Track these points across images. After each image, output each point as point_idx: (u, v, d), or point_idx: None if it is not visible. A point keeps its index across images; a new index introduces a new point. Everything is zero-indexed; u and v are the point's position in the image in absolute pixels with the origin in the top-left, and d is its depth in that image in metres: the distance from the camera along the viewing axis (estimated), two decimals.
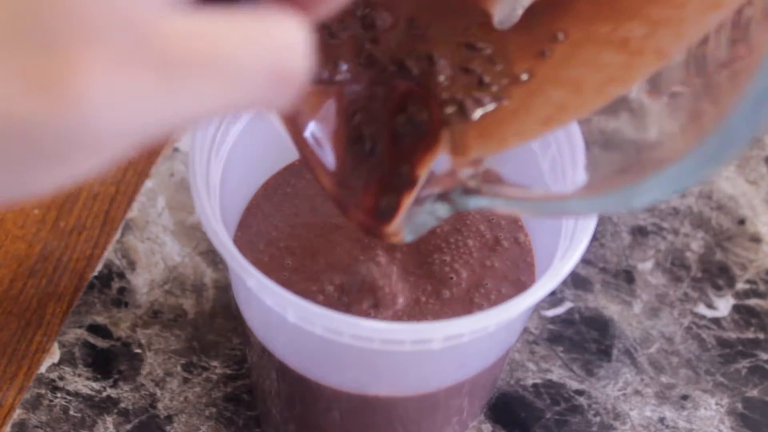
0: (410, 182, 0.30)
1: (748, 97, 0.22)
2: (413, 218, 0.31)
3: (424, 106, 0.31)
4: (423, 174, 0.31)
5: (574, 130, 0.35)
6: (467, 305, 0.37)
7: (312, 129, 0.32)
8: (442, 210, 0.31)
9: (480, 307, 0.37)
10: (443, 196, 0.31)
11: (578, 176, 0.34)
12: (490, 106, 0.30)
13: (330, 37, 0.31)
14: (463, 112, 0.30)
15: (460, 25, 0.31)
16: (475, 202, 0.30)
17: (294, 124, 0.32)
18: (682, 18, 0.27)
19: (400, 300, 0.36)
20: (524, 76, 0.30)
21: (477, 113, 0.30)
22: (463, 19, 0.31)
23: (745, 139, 0.22)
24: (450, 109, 0.30)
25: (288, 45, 0.20)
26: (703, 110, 0.26)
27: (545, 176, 0.37)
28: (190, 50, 0.19)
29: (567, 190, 0.34)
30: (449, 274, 0.37)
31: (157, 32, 0.18)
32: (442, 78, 0.30)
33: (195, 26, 0.19)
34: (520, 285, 0.38)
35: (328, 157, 0.32)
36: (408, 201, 0.31)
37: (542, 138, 0.36)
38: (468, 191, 0.30)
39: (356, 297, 0.37)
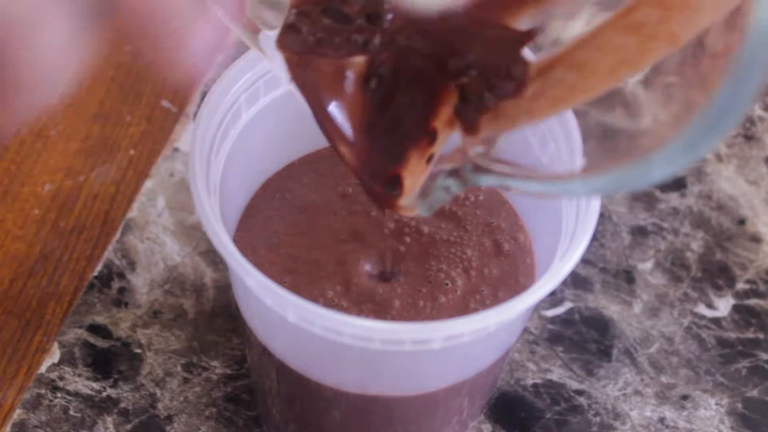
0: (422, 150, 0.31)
1: (732, 70, 0.22)
2: (428, 193, 0.32)
3: (442, 81, 0.31)
4: (437, 148, 0.32)
5: (572, 125, 0.35)
6: (464, 311, 0.37)
7: (330, 100, 0.32)
8: (455, 186, 0.32)
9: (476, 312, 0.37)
10: (455, 172, 0.32)
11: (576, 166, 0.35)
12: (509, 93, 0.30)
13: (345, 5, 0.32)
14: (480, 101, 0.31)
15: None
16: (485, 180, 0.31)
17: (313, 94, 0.32)
18: (696, 5, 0.27)
19: (397, 304, 0.36)
20: (539, 62, 0.31)
21: (494, 104, 0.31)
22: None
23: (734, 114, 0.23)
24: (470, 95, 0.31)
25: None
26: (695, 100, 0.26)
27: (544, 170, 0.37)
28: None
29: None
30: (444, 280, 0.37)
31: None
32: (467, 61, 0.31)
33: None
34: (520, 286, 0.38)
35: (347, 129, 0.32)
36: (422, 175, 0.32)
37: (541, 136, 0.37)
38: (478, 169, 0.31)
39: (355, 300, 0.37)
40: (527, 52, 0.31)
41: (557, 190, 0.31)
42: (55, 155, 0.51)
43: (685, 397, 0.45)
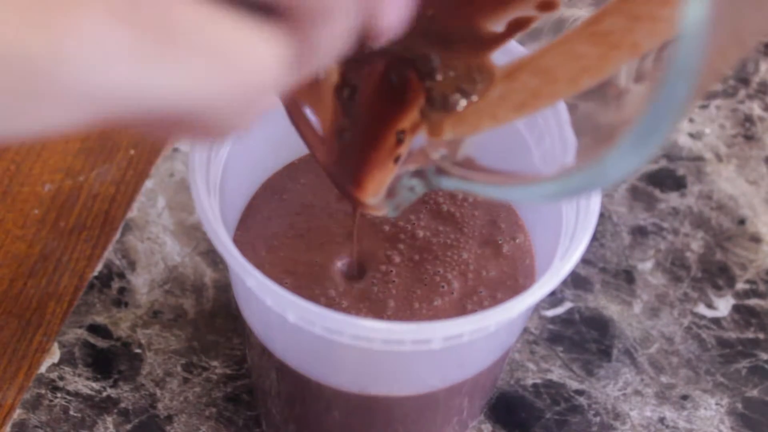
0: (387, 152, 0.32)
1: (663, 77, 0.22)
2: (394, 193, 0.33)
3: (409, 83, 0.32)
4: (404, 149, 0.32)
5: (564, 118, 0.35)
6: (461, 312, 0.37)
7: (304, 103, 0.32)
8: (419, 186, 0.32)
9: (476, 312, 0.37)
10: (419, 173, 0.32)
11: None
12: (474, 98, 0.31)
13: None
14: (446, 103, 0.31)
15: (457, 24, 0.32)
16: (446, 183, 0.31)
17: (289, 97, 0.32)
18: (661, 16, 0.27)
19: (392, 305, 0.36)
20: (504, 67, 0.31)
21: (461, 105, 0.31)
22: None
23: (670, 115, 0.23)
24: (435, 97, 0.31)
25: (260, 68, 0.21)
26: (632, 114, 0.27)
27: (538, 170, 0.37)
28: (197, 30, 0.19)
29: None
30: (441, 282, 0.37)
31: (173, 1, 0.18)
32: (433, 65, 0.31)
33: (210, 12, 0.19)
34: (519, 287, 0.38)
35: (319, 130, 0.33)
36: (389, 176, 0.32)
37: (538, 132, 0.37)
38: (440, 171, 0.31)
39: (354, 300, 0.37)
40: (493, 56, 0.31)
41: (517, 196, 0.32)
42: (55, 155, 0.51)
43: (685, 397, 0.45)
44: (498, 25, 0.32)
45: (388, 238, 0.38)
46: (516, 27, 0.32)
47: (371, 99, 0.32)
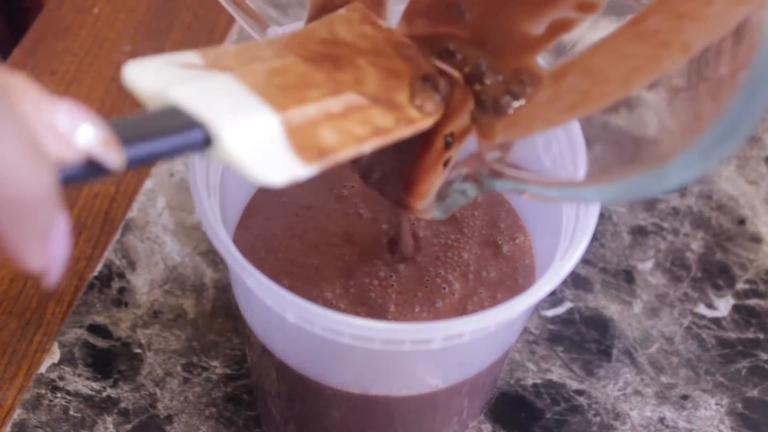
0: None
1: (744, 84, 0.22)
2: (444, 196, 0.33)
3: (457, 87, 0.32)
4: (453, 152, 0.32)
5: (574, 128, 0.35)
6: (461, 313, 0.37)
7: None
8: (471, 189, 0.32)
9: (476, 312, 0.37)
10: (471, 177, 0.32)
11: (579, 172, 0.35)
12: (523, 101, 0.31)
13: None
14: (496, 106, 0.31)
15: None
16: (501, 185, 0.32)
17: None
18: (708, 14, 0.27)
19: (392, 308, 0.36)
20: (551, 69, 0.31)
21: (512, 107, 0.31)
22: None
23: (746, 125, 0.23)
24: (486, 100, 0.32)
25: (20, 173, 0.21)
26: (705, 111, 0.27)
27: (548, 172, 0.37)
28: None
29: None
30: (441, 284, 0.37)
31: None
32: (482, 69, 0.32)
33: None
34: (519, 287, 0.38)
35: None
36: (439, 179, 0.32)
37: (545, 136, 0.37)
38: (494, 173, 0.32)
39: (352, 302, 0.37)
40: (540, 59, 0.31)
41: (572, 195, 0.32)
42: None
43: (685, 397, 0.45)
44: (538, 27, 0.32)
45: (388, 239, 0.38)
46: (557, 29, 0.32)
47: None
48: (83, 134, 0.23)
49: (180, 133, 0.26)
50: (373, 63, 0.31)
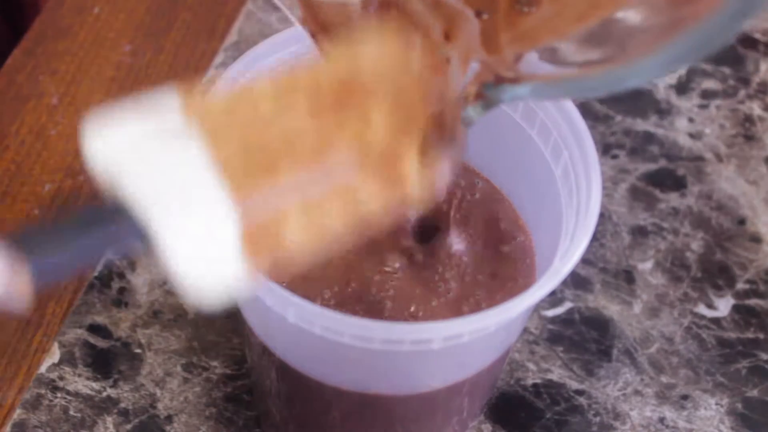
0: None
1: None
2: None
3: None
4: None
5: (582, 128, 0.35)
6: (459, 313, 0.37)
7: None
8: (474, 112, 0.31)
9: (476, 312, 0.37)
10: (475, 95, 0.31)
11: (593, 186, 0.34)
12: (526, 9, 0.30)
13: None
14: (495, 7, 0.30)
15: None
16: (510, 92, 0.30)
17: (325, 37, 0.32)
18: None
19: (389, 306, 0.36)
20: None
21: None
22: None
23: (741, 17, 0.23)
24: (483, 14, 0.30)
25: None
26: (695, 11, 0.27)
27: (558, 182, 0.37)
28: None
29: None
30: (439, 283, 0.37)
31: None
32: None
33: None
34: (519, 287, 0.38)
35: None
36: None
37: (553, 144, 0.36)
38: (499, 79, 0.30)
39: (351, 301, 0.37)
40: None
41: (594, 87, 0.29)
42: (55, 155, 0.51)
43: (685, 397, 0.45)
44: None
45: (387, 238, 0.38)
46: None
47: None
48: None
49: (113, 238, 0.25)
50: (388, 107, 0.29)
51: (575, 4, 0.29)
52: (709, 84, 0.56)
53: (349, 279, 0.37)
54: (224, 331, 0.46)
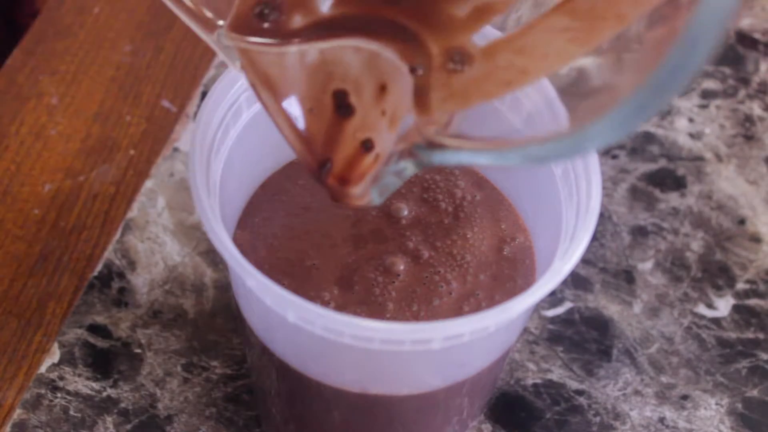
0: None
1: (676, 49, 0.23)
2: (379, 179, 0.32)
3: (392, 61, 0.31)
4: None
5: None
6: (459, 313, 0.37)
7: (281, 90, 0.32)
8: (409, 167, 0.32)
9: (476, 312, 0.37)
10: (407, 153, 0.31)
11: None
12: (458, 67, 0.31)
13: None
14: (428, 72, 0.31)
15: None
16: (439, 157, 0.31)
17: (262, 85, 0.32)
18: None
19: (391, 307, 0.36)
20: (483, 47, 0.31)
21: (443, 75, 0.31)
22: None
23: (674, 89, 0.24)
24: (418, 69, 0.31)
25: None
26: (644, 65, 0.27)
27: (558, 182, 0.37)
28: None
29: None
30: (440, 283, 0.37)
31: None
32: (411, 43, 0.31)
33: None
34: (519, 287, 0.38)
35: (298, 121, 0.32)
36: (374, 164, 0.32)
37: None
38: (432, 145, 0.31)
39: (352, 302, 0.37)
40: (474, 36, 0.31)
41: (513, 160, 0.30)
42: (55, 155, 0.51)
43: (685, 397, 0.45)
44: (462, 9, 0.31)
45: (387, 239, 0.38)
46: (483, 12, 0.31)
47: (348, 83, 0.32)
48: None
49: None
50: None
51: (505, 68, 0.30)
52: (709, 84, 0.56)
53: (351, 280, 0.37)
54: (224, 331, 0.46)
